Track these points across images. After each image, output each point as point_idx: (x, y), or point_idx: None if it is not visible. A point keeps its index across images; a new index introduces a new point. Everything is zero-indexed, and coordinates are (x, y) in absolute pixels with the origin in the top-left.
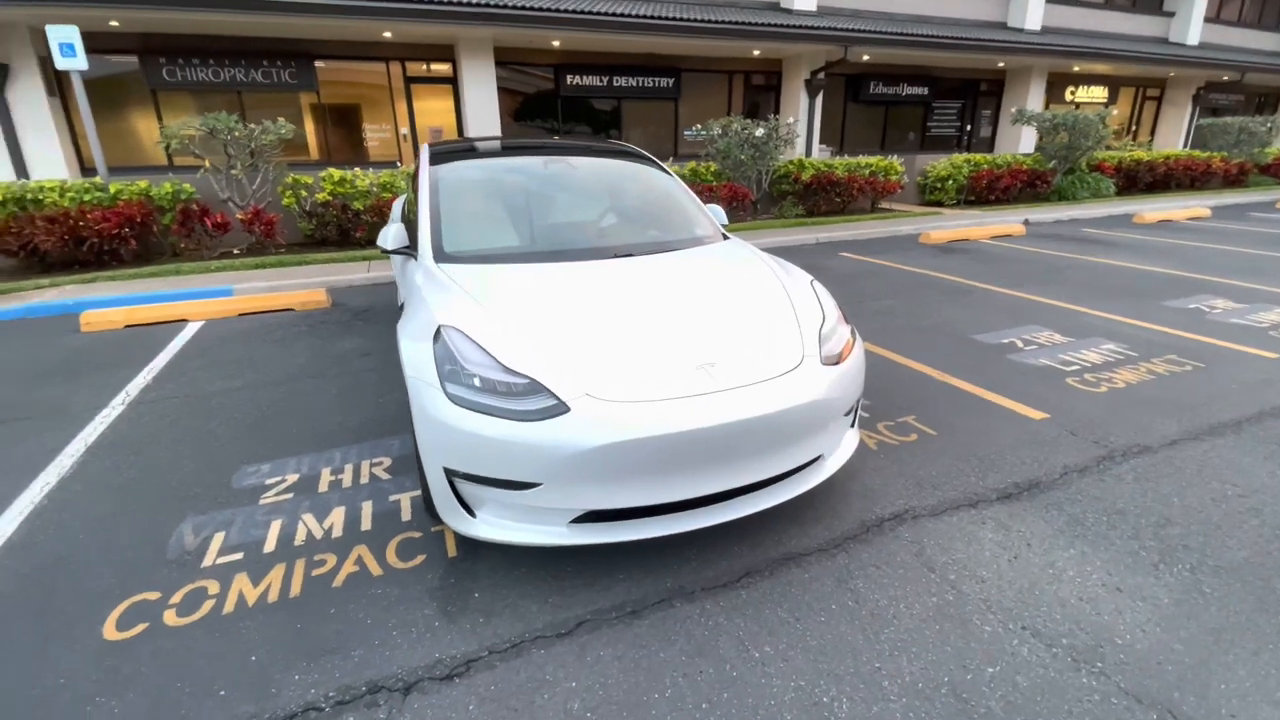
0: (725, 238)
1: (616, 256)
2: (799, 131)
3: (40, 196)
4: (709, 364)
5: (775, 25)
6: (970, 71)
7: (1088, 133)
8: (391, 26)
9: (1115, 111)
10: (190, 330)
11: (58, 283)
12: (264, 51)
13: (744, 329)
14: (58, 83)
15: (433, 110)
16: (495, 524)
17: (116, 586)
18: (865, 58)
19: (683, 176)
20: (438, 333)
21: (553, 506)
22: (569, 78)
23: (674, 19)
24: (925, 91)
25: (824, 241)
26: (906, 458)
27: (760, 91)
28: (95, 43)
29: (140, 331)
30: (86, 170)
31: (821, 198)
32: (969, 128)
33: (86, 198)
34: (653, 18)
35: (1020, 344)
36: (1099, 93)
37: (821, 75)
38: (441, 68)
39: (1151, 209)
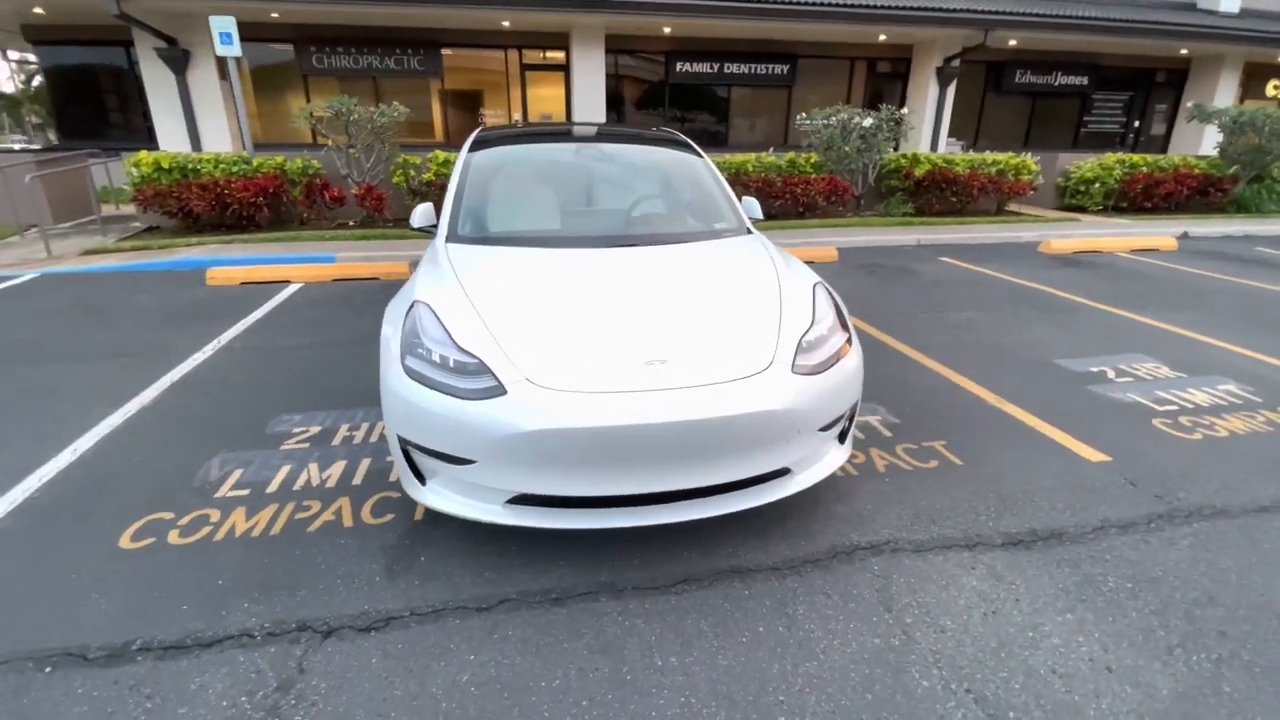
0: (749, 232)
1: (620, 245)
2: (914, 123)
3: (198, 167)
4: (660, 361)
5: (903, 8)
6: (1144, 59)
7: None
8: (510, 15)
9: None
10: (289, 291)
11: (204, 242)
12: (397, 40)
13: (715, 328)
14: (226, 68)
15: (545, 97)
16: (442, 495)
17: (143, 504)
18: (1011, 43)
19: (778, 168)
20: (411, 307)
21: (488, 485)
22: (679, 65)
23: (792, 2)
24: (1084, 81)
25: (925, 244)
26: (915, 486)
27: (885, 79)
28: (259, 33)
29: (251, 288)
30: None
31: (935, 196)
32: (1137, 124)
33: (234, 169)
34: (769, 1)
35: (1111, 374)
36: None
37: (956, 62)
38: (555, 55)
39: None
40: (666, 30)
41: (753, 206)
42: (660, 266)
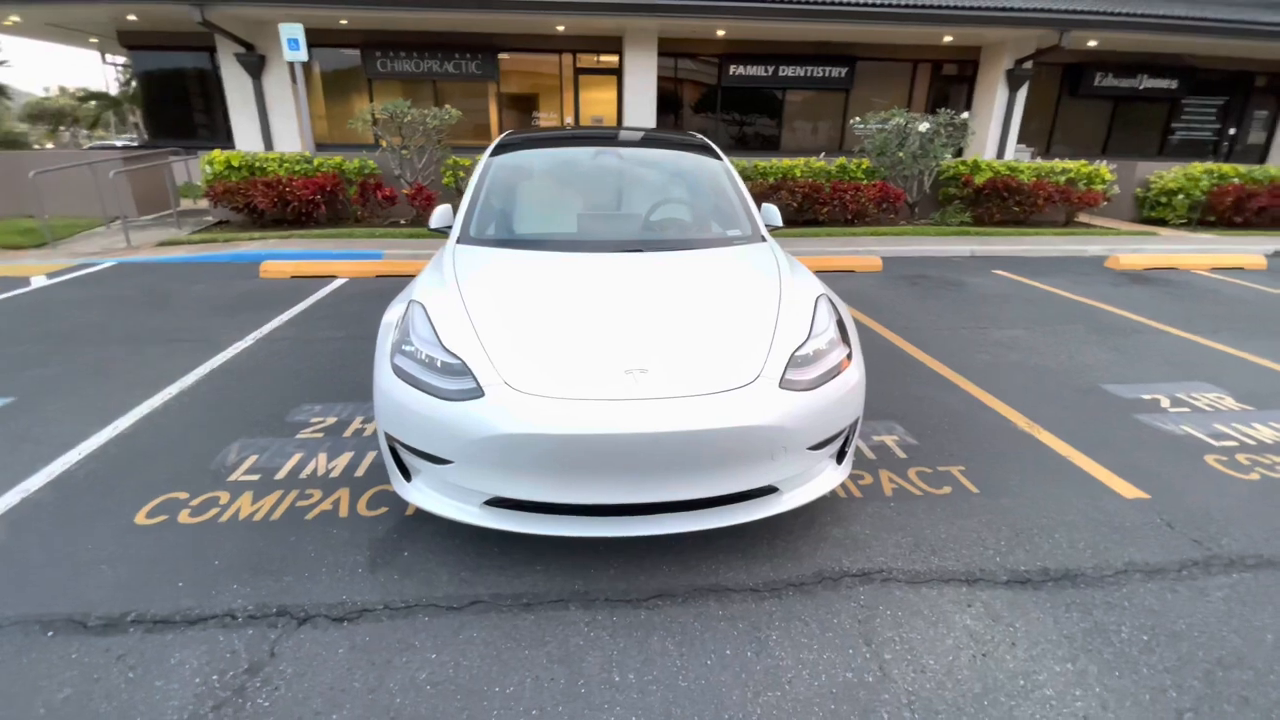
0: (763, 240)
1: (625, 250)
2: (975, 128)
3: (264, 165)
4: (640, 370)
5: (971, 8)
6: (1243, 61)
7: None
8: (566, 20)
9: None
10: (335, 285)
11: (265, 236)
12: (456, 45)
13: (704, 338)
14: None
15: (597, 100)
16: (425, 492)
17: (163, 483)
18: (1091, 43)
19: (827, 173)
20: (407, 307)
21: (465, 486)
22: (732, 68)
23: (852, 4)
24: (1173, 85)
25: (980, 255)
26: (922, 512)
27: (950, 82)
28: (329, 39)
29: (301, 281)
30: (317, 146)
31: (996, 205)
32: (1232, 132)
33: (296, 168)
34: (828, 3)
35: (1166, 403)
36: None
37: (1028, 65)
38: (609, 59)
39: None
40: (720, 33)
41: (772, 214)
42: (661, 273)
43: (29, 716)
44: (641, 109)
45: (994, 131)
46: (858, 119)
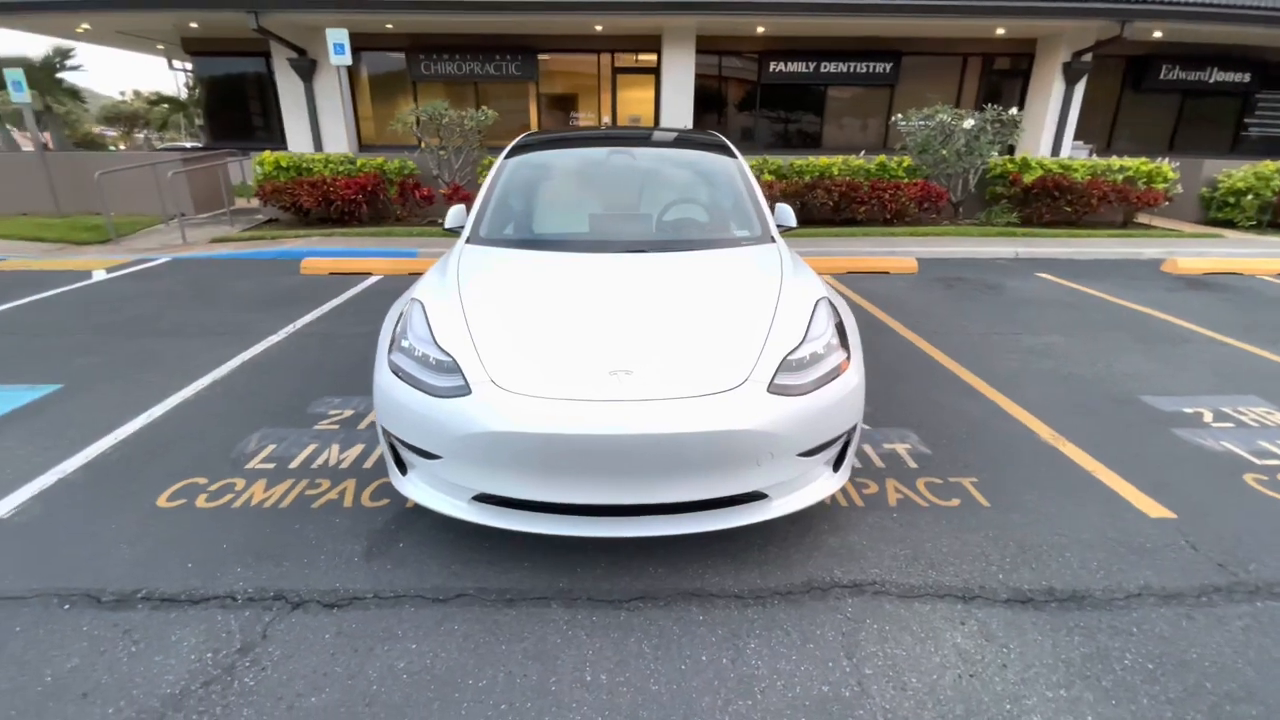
0: (772, 240)
1: (628, 251)
2: (1025, 125)
3: (310, 166)
4: (625, 371)
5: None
6: None
7: None
8: (604, 20)
9: None
10: (369, 281)
11: (309, 234)
12: (496, 47)
13: (694, 341)
14: (345, 75)
15: (635, 99)
16: (419, 486)
17: (186, 469)
18: (1156, 34)
19: (866, 171)
20: (407, 304)
21: (454, 481)
22: (772, 65)
23: None
24: (1246, 78)
25: (1024, 257)
26: (925, 524)
27: (1003, 77)
28: (376, 43)
29: (337, 278)
30: (363, 147)
31: (1045, 205)
32: None
33: (340, 169)
34: None
35: (1209, 417)
36: None
37: (1086, 58)
38: (647, 58)
39: None
40: (760, 30)
41: (785, 214)
42: (661, 274)
43: (37, 683)
44: (679, 108)
45: (1049, 128)
46: (900, 116)
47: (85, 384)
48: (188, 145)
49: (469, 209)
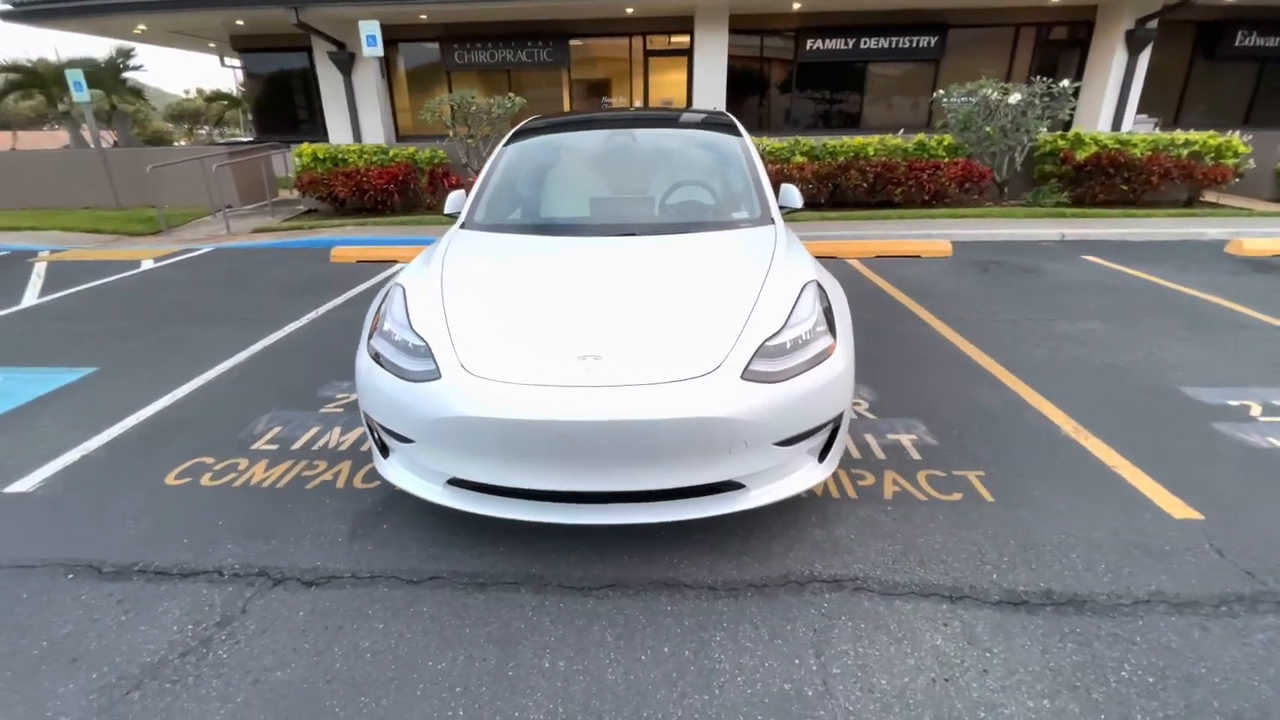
0: (771, 222)
1: (617, 235)
2: (1087, 97)
3: (345, 157)
4: (594, 356)
5: None
6: None
7: None
8: (635, 1)
9: None
10: (395, 269)
11: (344, 224)
12: (528, 34)
13: (669, 326)
14: (383, 68)
15: (667, 83)
16: (398, 469)
17: (197, 448)
18: None
19: (903, 150)
20: (391, 288)
21: (429, 465)
22: (809, 42)
23: None
24: None
25: (1071, 239)
26: (920, 519)
27: (1059, 48)
28: (411, 34)
29: (365, 266)
30: (401, 137)
31: (1100, 183)
32: None
33: (373, 159)
34: None
35: (1256, 410)
36: None
37: (1152, 24)
38: (680, 39)
39: None
40: (796, 6)
41: (791, 195)
42: (648, 258)
43: (33, 646)
44: (712, 89)
45: (1109, 101)
46: (941, 91)
47: (119, 367)
48: (244, 139)
49: (469, 194)
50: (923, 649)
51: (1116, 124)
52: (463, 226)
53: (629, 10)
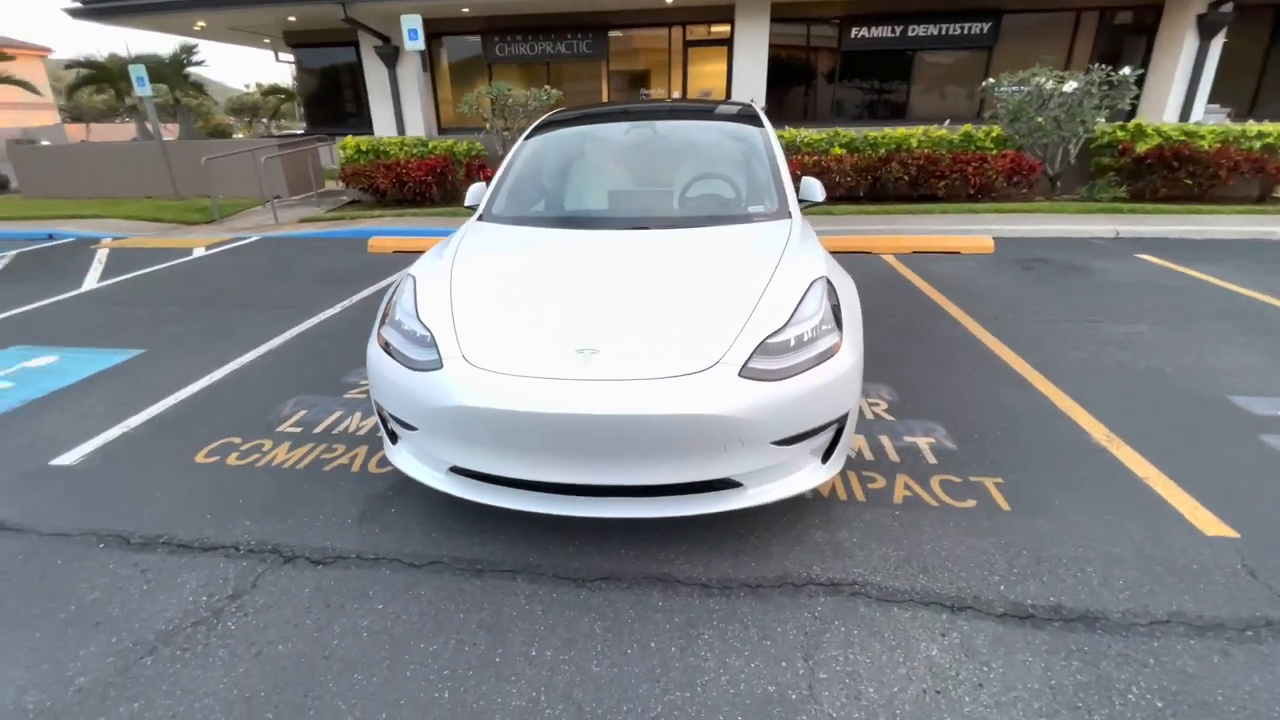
0: (789, 216)
1: (630, 229)
2: (1153, 86)
3: (386, 149)
4: (591, 350)
5: None
6: None
7: None
8: None
9: None
10: None
11: (384, 214)
12: (567, 26)
13: (670, 321)
14: (426, 61)
15: (707, 73)
16: (404, 456)
17: (226, 429)
18: None
19: (949, 143)
20: (403, 278)
21: (432, 453)
22: (854, 30)
23: None
24: None
25: (1126, 237)
26: (930, 525)
27: (1123, 34)
28: (454, 28)
29: (400, 256)
30: (443, 130)
31: (1161, 178)
32: None
33: (413, 151)
34: None
35: None
36: None
37: (1227, 7)
38: (720, 29)
39: None
40: None
41: (812, 188)
42: (658, 252)
43: (63, 609)
44: (752, 79)
45: (1177, 90)
46: (991, 80)
47: (164, 349)
48: (296, 132)
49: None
50: (916, 659)
51: (1185, 114)
52: (480, 219)
53: (669, 0)
